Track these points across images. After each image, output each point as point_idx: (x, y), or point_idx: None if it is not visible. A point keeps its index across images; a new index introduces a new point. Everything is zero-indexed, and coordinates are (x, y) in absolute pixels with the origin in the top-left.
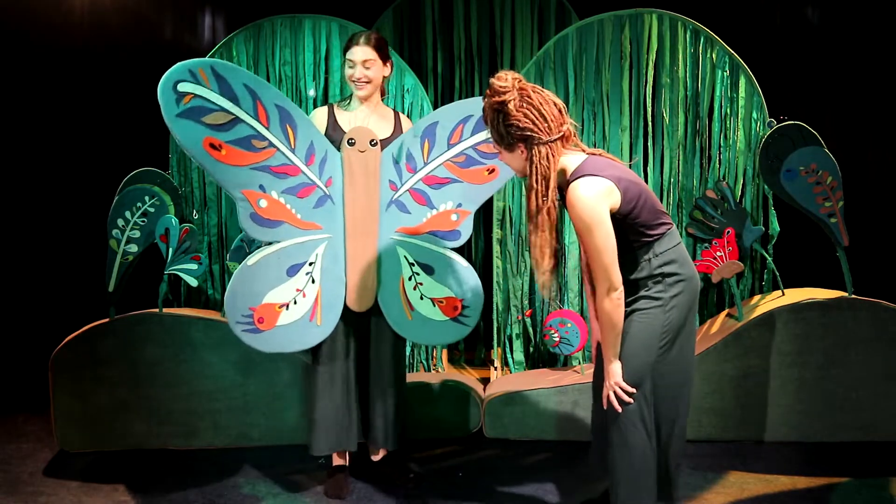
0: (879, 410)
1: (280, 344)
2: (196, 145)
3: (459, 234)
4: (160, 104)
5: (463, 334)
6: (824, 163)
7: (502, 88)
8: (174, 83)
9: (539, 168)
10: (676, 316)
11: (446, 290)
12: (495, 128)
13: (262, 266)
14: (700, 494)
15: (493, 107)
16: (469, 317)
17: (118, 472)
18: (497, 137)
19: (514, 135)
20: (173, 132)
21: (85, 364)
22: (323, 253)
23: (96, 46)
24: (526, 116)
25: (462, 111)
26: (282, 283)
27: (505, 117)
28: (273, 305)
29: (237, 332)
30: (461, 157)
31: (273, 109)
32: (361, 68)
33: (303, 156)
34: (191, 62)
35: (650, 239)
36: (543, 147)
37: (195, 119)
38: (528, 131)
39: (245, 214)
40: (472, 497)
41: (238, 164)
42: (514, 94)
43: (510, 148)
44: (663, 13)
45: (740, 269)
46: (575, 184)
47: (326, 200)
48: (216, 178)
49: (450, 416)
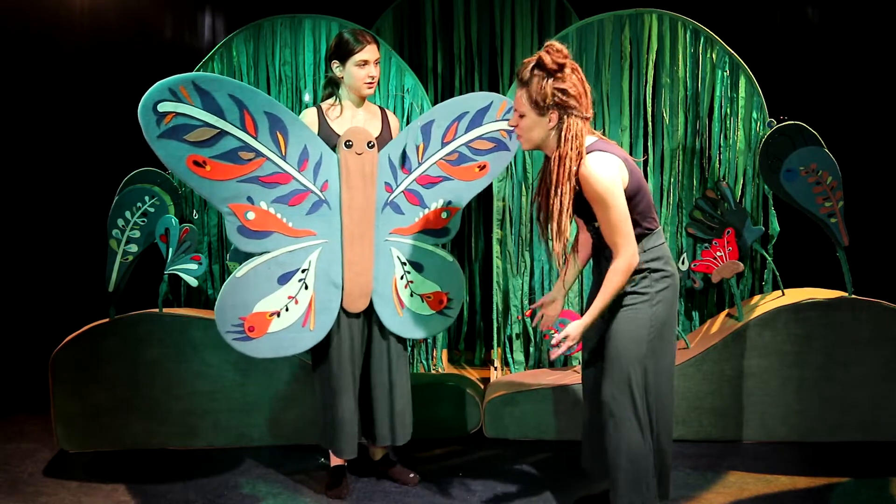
0: (879, 410)
1: (272, 349)
2: (179, 164)
3: (449, 230)
4: (141, 125)
5: (446, 325)
6: (824, 163)
7: (566, 53)
8: (154, 104)
9: (572, 138)
10: (662, 310)
11: (433, 286)
12: (540, 88)
13: (251, 277)
14: (700, 494)
15: (551, 66)
16: (452, 308)
17: (118, 472)
18: (535, 97)
19: (557, 100)
20: (156, 152)
21: (85, 364)
22: (317, 259)
23: (96, 46)
24: (576, 86)
25: (457, 108)
26: (272, 291)
27: (557, 80)
28: (264, 314)
29: (228, 340)
30: (454, 155)
31: (262, 117)
32: (374, 67)
33: (295, 162)
34: (171, 80)
35: (642, 231)
36: (579, 120)
37: (178, 138)
38: (573, 100)
39: (232, 228)
40: (472, 497)
41: (224, 178)
42: (570, 63)
43: (542, 112)
44: (663, 13)
45: (740, 269)
46: (589, 157)
47: (321, 205)
48: (202, 194)
49: (450, 416)
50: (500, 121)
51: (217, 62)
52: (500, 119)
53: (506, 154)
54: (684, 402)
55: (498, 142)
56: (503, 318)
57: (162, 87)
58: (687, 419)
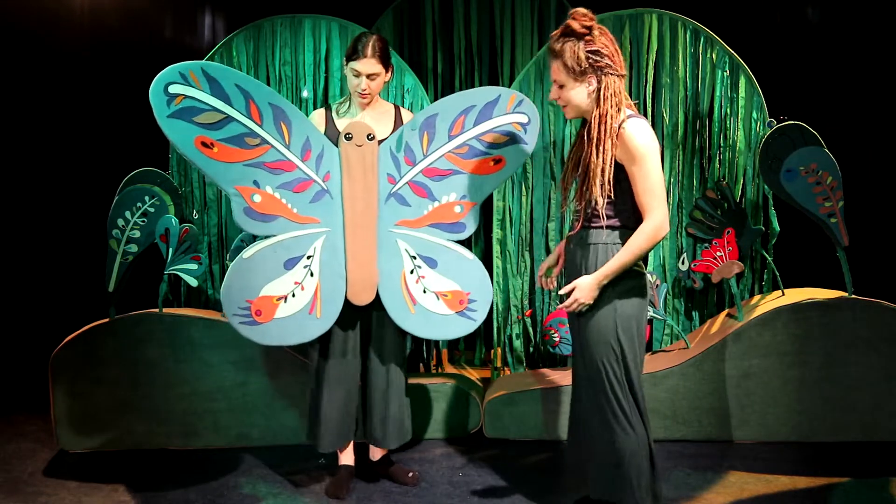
0: (879, 410)
1: (279, 336)
2: (188, 144)
3: (464, 226)
4: (152, 105)
5: (470, 329)
6: (824, 163)
7: (592, 16)
8: (165, 85)
9: (610, 96)
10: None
11: (451, 284)
12: (573, 54)
13: (258, 259)
14: (700, 494)
15: (580, 31)
16: (477, 311)
17: (118, 472)
18: (570, 65)
19: (592, 62)
20: (165, 132)
21: (85, 364)
22: (321, 246)
23: (96, 46)
24: (607, 45)
25: (463, 102)
26: (279, 276)
27: (588, 42)
28: (271, 298)
29: (234, 324)
30: (463, 148)
31: (266, 108)
32: (366, 81)
33: (298, 152)
34: (181, 65)
35: (628, 224)
36: (617, 79)
37: (186, 119)
38: (607, 59)
39: (239, 209)
40: (472, 497)
41: (231, 160)
42: (597, 25)
43: (580, 77)
44: (663, 13)
45: (740, 269)
46: (629, 121)
47: (324, 195)
48: (209, 175)
49: (450, 416)
50: (511, 114)
51: (217, 62)
52: (510, 112)
53: (523, 147)
54: (684, 402)
55: (512, 135)
56: (503, 318)
57: (173, 71)
58: (687, 419)
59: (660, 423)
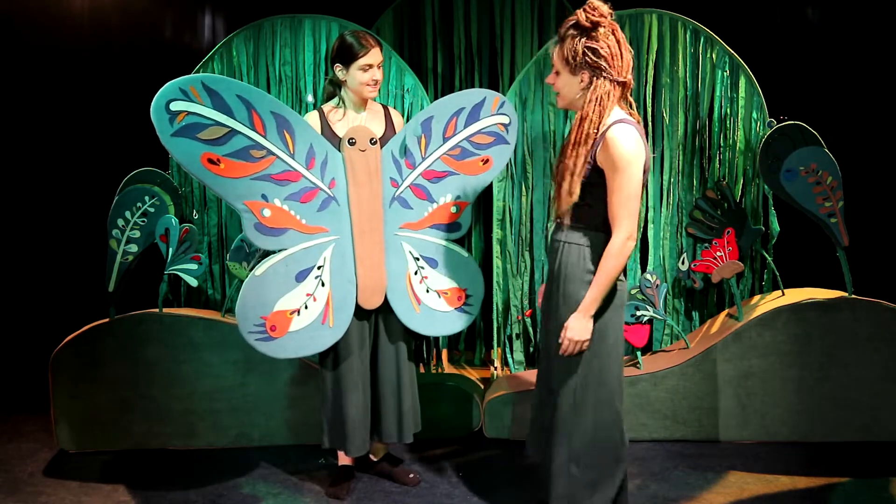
0: (879, 410)
1: (294, 349)
2: (194, 162)
3: (460, 225)
4: (154, 125)
5: (468, 322)
6: (824, 163)
7: (603, 13)
8: (166, 103)
9: (598, 100)
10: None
11: (450, 282)
12: (573, 46)
13: (270, 274)
14: (700, 494)
15: (585, 24)
16: (472, 305)
17: (118, 472)
18: (566, 55)
19: (587, 60)
20: (170, 151)
21: (85, 364)
22: (331, 255)
23: (96, 46)
24: (609, 47)
25: (455, 104)
26: (291, 289)
27: (591, 39)
28: (284, 312)
29: (250, 341)
30: (456, 150)
31: (269, 117)
32: (378, 70)
33: (303, 160)
34: (181, 80)
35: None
36: (608, 83)
37: (191, 136)
38: (604, 61)
39: (249, 225)
40: (472, 497)
41: (238, 175)
42: (608, 24)
43: (574, 71)
44: (663, 13)
45: (740, 269)
46: (617, 126)
47: (331, 202)
48: (217, 192)
49: (450, 416)
50: (495, 115)
51: (217, 62)
52: (494, 113)
53: (506, 147)
54: (684, 402)
55: (497, 136)
56: (503, 318)
57: (173, 87)
58: (687, 419)
59: (660, 423)
